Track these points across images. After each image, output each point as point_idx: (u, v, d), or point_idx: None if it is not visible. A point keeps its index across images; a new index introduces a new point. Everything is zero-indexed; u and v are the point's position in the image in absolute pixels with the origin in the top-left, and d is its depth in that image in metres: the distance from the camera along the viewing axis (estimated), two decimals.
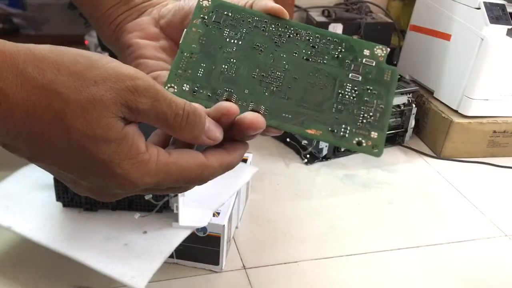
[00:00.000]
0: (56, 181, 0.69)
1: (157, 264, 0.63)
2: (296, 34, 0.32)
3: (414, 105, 1.20)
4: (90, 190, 0.28)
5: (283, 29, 0.32)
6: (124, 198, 0.69)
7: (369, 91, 0.32)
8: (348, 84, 0.32)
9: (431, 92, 1.29)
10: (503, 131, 1.20)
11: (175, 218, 0.68)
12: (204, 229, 0.72)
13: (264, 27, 0.32)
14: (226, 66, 0.32)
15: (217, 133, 0.29)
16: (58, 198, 0.71)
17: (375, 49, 0.32)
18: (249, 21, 0.32)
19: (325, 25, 1.33)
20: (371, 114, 0.32)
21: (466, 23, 1.17)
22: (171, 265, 0.76)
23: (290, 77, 0.32)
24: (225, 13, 0.32)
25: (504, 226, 0.96)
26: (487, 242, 0.91)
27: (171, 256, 0.71)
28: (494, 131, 1.19)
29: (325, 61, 0.32)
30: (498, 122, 1.19)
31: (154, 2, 0.37)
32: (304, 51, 0.32)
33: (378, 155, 0.32)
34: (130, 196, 0.69)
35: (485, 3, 1.13)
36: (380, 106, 0.32)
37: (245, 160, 0.86)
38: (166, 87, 0.31)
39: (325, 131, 0.32)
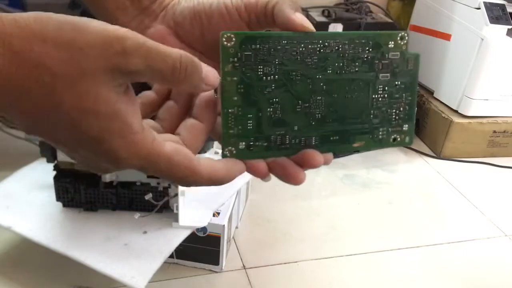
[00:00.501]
0: (56, 181, 0.69)
1: (157, 264, 0.63)
2: (326, 47, 0.31)
3: None
4: (85, 162, 0.28)
5: (312, 46, 0.31)
6: (124, 198, 0.69)
7: (397, 86, 0.32)
8: (379, 86, 0.32)
9: (431, 92, 1.29)
10: (503, 131, 1.20)
11: (175, 218, 0.68)
12: (204, 229, 0.72)
13: (294, 50, 0.31)
14: (271, 109, 0.31)
15: (214, 78, 0.29)
16: (58, 198, 0.70)
17: (398, 38, 0.32)
18: (279, 48, 0.30)
19: (325, 25, 1.33)
20: (401, 109, 0.33)
21: (466, 23, 1.17)
22: (171, 265, 0.76)
23: (329, 98, 0.32)
24: (253, 46, 0.30)
25: (504, 226, 0.96)
26: (487, 242, 0.92)
27: (171, 256, 0.71)
28: (494, 131, 1.19)
29: (357, 69, 0.32)
30: (498, 122, 1.19)
31: (162, 1, 0.35)
32: (336, 64, 0.31)
33: (410, 144, 0.34)
34: (130, 196, 0.69)
35: (485, 3, 1.13)
36: (408, 98, 0.33)
37: None
38: (225, 152, 0.31)
39: (367, 140, 0.33)
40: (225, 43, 0.29)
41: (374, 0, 1.47)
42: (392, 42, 0.32)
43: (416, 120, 1.20)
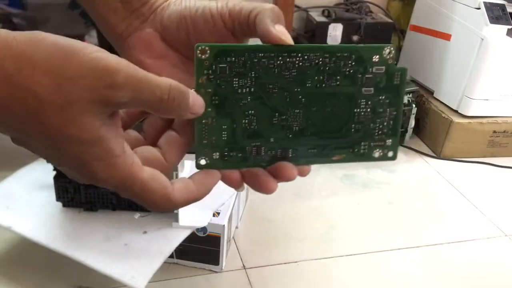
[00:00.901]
0: (56, 181, 0.69)
1: (157, 264, 0.63)
2: (305, 61, 0.30)
3: (414, 105, 1.20)
4: (70, 174, 0.29)
5: (291, 59, 0.30)
6: (124, 198, 0.69)
7: (381, 101, 0.32)
8: (362, 101, 0.32)
9: (431, 92, 1.29)
10: (503, 131, 1.20)
11: (175, 218, 0.68)
12: (204, 229, 0.72)
13: (272, 63, 0.30)
14: (246, 121, 0.31)
15: (200, 108, 0.29)
16: (58, 198, 0.71)
17: (383, 52, 0.31)
18: (255, 61, 0.30)
19: (325, 25, 1.33)
20: (385, 124, 0.32)
21: (466, 23, 1.17)
22: (171, 265, 0.76)
23: (308, 111, 0.31)
24: (228, 59, 0.29)
25: (504, 226, 0.96)
26: (487, 242, 0.91)
27: (171, 256, 0.71)
28: (494, 131, 1.19)
29: (338, 82, 0.31)
30: (498, 122, 1.19)
31: (152, 3, 0.34)
32: (316, 78, 0.31)
33: (393, 159, 0.33)
34: None
35: (485, 3, 1.13)
36: (393, 113, 0.32)
37: None
38: (198, 162, 0.31)
39: (348, 154, 0.32)
40: (200, 55, 0.29)
41: (374, 0, 1.47)
42: (377, 56, 0.31)
43: (416, 120, 1.21)
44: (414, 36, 1.37)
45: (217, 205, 0.73)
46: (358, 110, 0.32)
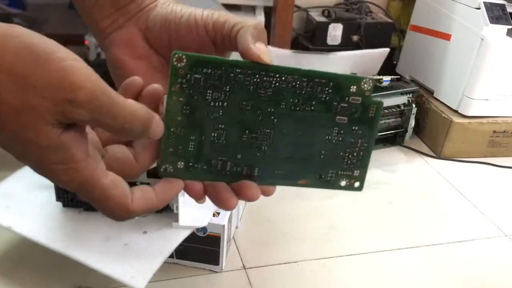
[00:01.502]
0: None
1: (157, 264, 0.63)
2: (282, 82, 0.30)
3: (414, 105, 1.20)
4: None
5: (268, 78, 0.29)
6: None
7: (354, 131, 0.31)
8: (335, 128, 0.31)
9: (431, 92, 1.29)
10: (503, 131, 1.20)
11: (175, 218, 0.68)
12: (204, 229, 0.72)
13: (248, 80, 0.29)
14: (215, 134, 0.30)
15: (159, 134, 0.29)
16: (58, 198, 0.70)
17: (361, 83, 0.30)
18: (232, 76, 0.29)
19: (325, 25, 1.33)
20: (355, 154, 0.32)
21: (466, 23, 1.17)
22: (171, 265, 0.76)
23: (279, 132, 0.31)
24: (204, 71, 0.29)
25: (504, 226, 0.96)
26: (487, 242, 0.91)
27: (171, 256, 0.71)
28: (494, 131, 1.19)
29: (312, 107, 0.30)
30: (498, 122, 1.19)
31: (140, 2, 0.34)
32: (291, 100, 0.30)
33: (359, 190, 0.33)
34: None
35: (485, 3, 1.13)
36: (364, 144, 0.32)
37: None
38: (161, 169, 0.30)
39: (314, 179, 0.32)
40: (175, 63, 0.28)
41: (374, 0, 1.47)
42: (355, 87, 0.30)
43: (416, 120, 1.21)
44: (414, 36, 1.37)
45: None
46: (330, 137, 0.31)
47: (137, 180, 0.70)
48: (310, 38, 1.37)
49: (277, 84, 0.30)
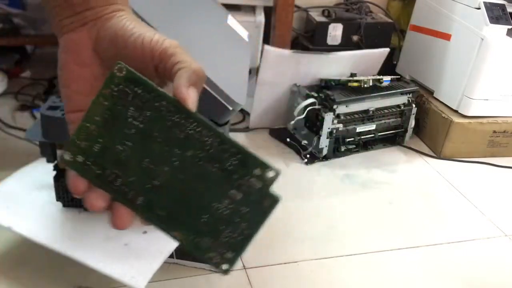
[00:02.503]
0: (56, 181, 0.69)
1: (157, 264, 0.63)
2: (197, 132, 0.30)
3: (414, 105, 1.20)
4: None
5: (185, 123, 0.30)
6: None
7: (242, 212, 0.31)
8: (226, 200, 0.31)
9: (431, 92, 1.29)
10: (503, 131, 1.20)
11: None
12: None
13: (168, 116, 0.30)
14: (120, 148, 0.31)
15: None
16: (58, 198, 0.70)
17: (267, 170, 0.30)
18: (156, 105, 0.30)
19: (325, 25, 1.33)
20: (235, 235, 0.31)
21: (466, 23, 1.17)
22: (171, 265, 0.76)
23: (175, 176, 0.31)
24: (135, 89, 0.30)
25: (504, 226, 0.96)
26: (487, 242, 0.92)
27: (171, 256, 0.71)
28: (494, 131, 1.19)
29: (214, 169, 0.30)
30: (498, 122, 1.19)
31: (98, 11, 0.34)
32: (198, 152, 0.30)
33: (225, 273, 0.32)
34: None
35: (485, 3, 1.13)
36: (247, 231, 0.31)
37: None
38: (63, 155, 0.31)
39: (188, 239, 0.31)
40: (115, 71, 0.30)
41: (374, 0, 1.47)
42: (260, 171, 0.30)
43: (416, 120, 1.21)
44: (414, 36, 1.37)
45: None
46: (218, 206, 0.31)
47: None
48: (310, 38, 1.38)
49: (192, 132, 0.30)
